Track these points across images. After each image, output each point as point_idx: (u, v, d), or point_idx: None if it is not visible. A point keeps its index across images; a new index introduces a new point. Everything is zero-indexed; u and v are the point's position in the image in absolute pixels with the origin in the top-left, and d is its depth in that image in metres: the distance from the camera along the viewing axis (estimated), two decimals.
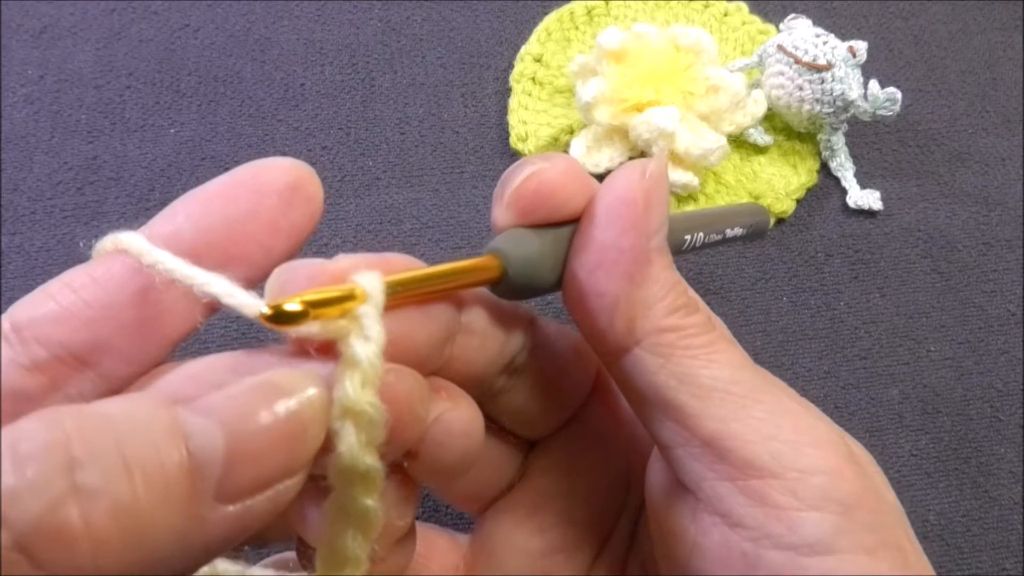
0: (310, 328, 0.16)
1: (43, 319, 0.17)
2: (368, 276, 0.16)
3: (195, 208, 0.18)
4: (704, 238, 0.23)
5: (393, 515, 0.18)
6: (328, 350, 0.16)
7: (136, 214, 0.39)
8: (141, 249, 0.17)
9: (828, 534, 0.17)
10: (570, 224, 0.20)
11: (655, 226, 0.19)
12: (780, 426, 0.18)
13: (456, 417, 0.18)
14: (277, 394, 0.14)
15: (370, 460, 0.16)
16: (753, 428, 0.18)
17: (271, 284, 0.17)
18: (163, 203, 0.40)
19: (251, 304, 0.16)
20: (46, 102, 0.42)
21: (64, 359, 0.17)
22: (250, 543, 0.20)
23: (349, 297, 0.16)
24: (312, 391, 0.15)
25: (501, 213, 0.19)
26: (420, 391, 0.17)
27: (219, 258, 0.17)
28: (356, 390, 0.15)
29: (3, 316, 0.17)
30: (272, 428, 0.14)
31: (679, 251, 0.23)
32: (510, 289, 0.19)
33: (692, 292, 0.21)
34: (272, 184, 0.18)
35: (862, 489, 0.18)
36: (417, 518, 0.22)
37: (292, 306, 0.15)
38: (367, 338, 0.15)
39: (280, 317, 0.15)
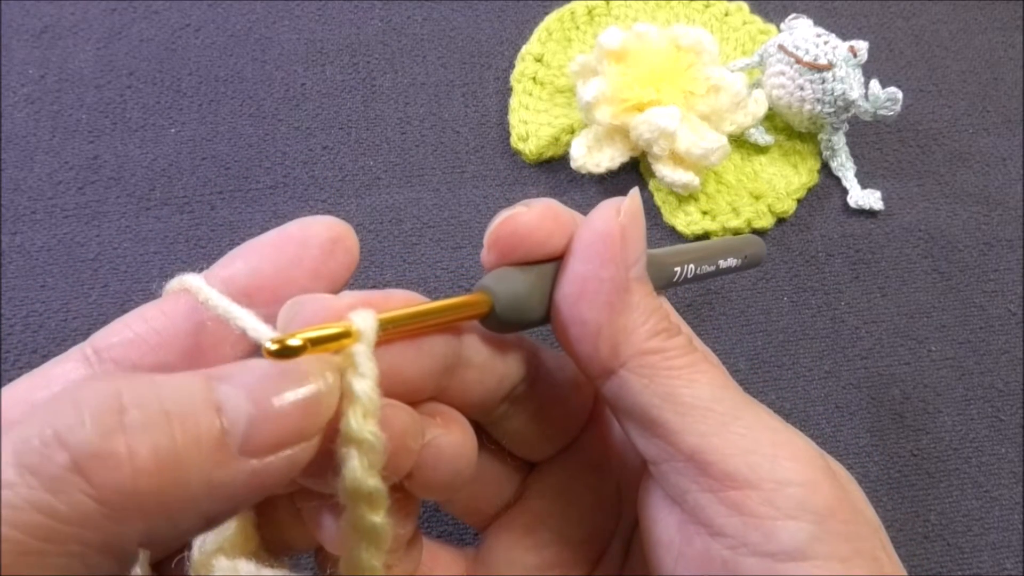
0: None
1: (119, 344, 0.20)
2: (363, 314, 0.18)
3: (250, 255, 0.21)
4: (696, 269, 0.25)
5: (395, 524, 0.20)
6: None
7: (137, 214, 0.39)
8: (199, 287, 0.20)
9: (803, 542, 0.18)
10: (555, 261, 0.21)
11: (632, 258, 0.21)
12: (758, 441, 0.19)
13: (448, 442, 0.20)
14: (297, 372, 0.16)
15: (373, 482, 0.17)
16: (732, 442, 0.19)
17: (281, 317, 0.19)
18: (164, 202, 0.41)
19: (264, 336, 0.18)
20: (47, 102, 0.42)
21: None
22: (278, 551, 0.22)
23: (345, 334, 0.17)
24: (327, 373, 0.17)
25: (485, 254, 0.21)
26: (412, 426, 0.19)
27: (268, 298, 0.20)
28: (358, 421, 0.17)
29: (87, 341, 0.20)
30: (291, 398, 0.16)
31: (671, 283, 0.24)
32: (499, 323, 0.20)
33: (675, 317, 0.22)
34: (315, 238, 0.21)
35: (837, 501, 0.19)
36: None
37: (293, 342, 0.17)
38: (361, 375, 0.17)
39: (282, 351, 0.17)
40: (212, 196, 0.40)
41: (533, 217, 0.21)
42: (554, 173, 0.42)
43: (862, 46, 0.39)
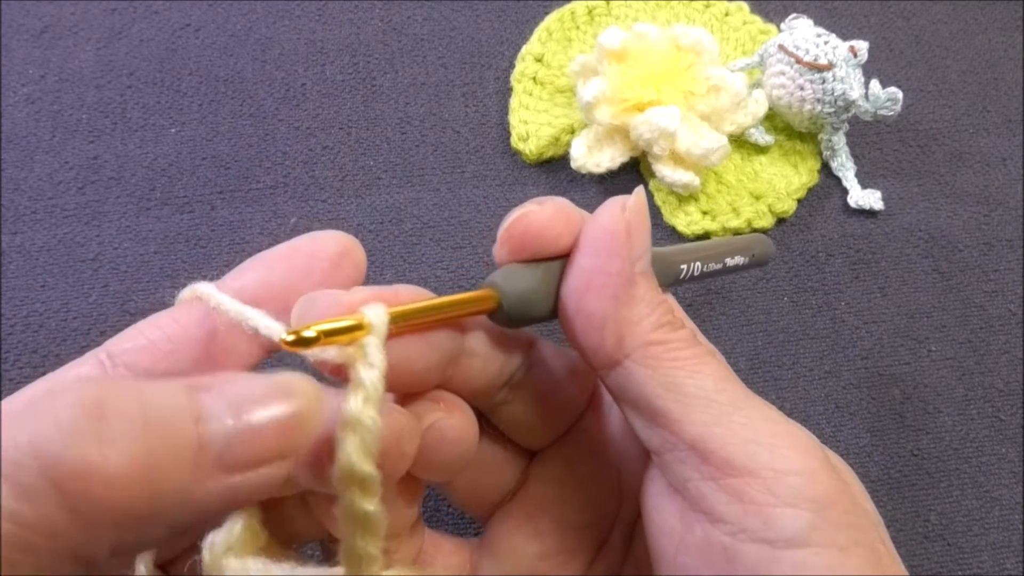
0: (326, 352, 0.18)
1: (133, 349, 0.20)
2: (374, 308, 0.18)
3: (260, 267, 0.21)
4: (702, 267, 0.25)
5: (400, 504, 0.21)
6: (340, 372, 0.19)
7: (137, 214, 0.39)
8: (210, 293, 0.20)
9: (802, 530, 0.18)
10: (561, 259, 0.22)
11: (637, 252, 0.21)
12: (759, 431, 0.20)
13: (449, 425, 0.21)
14: (282, 389, 0.17)
15: (367, 467, 0.18)
16: (734, 432, 0.20)
17: (295, 311, 0.19)
18: (164, 202, 0.41)
19: (278, 331, 0.19)
20: (47, 102, 0.42)
21: None
22: (285, 542, 0.22)
23: (357, 327, 0.18)
24: (311, 391, 0.17)
25: (497, 250, 0.22)
26: (409, 431, 0.20)
27: (277, 308, 0.20)
28: (359, 406, 0.18)
29: (102, 347, 0.20)
30: (271, 416, 0.16)
31: (677, 281, 0.24)
32: (506, 319, 0.21)
33: (680, 312, 0.23)
34: (324, 251, 0.21)
35: (836, 491, 0.19)
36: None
37: (308, 333, 0.17)
38: (370, 364, 0.18)
39: (298, 342, 0.17)
40: (212, 196, 0.40)
41: (545, 216, 0.21)
42: (554, 173, 0.42)
43: (862, 46, 0.39)
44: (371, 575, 0.18)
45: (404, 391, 0.21)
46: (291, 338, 0.17)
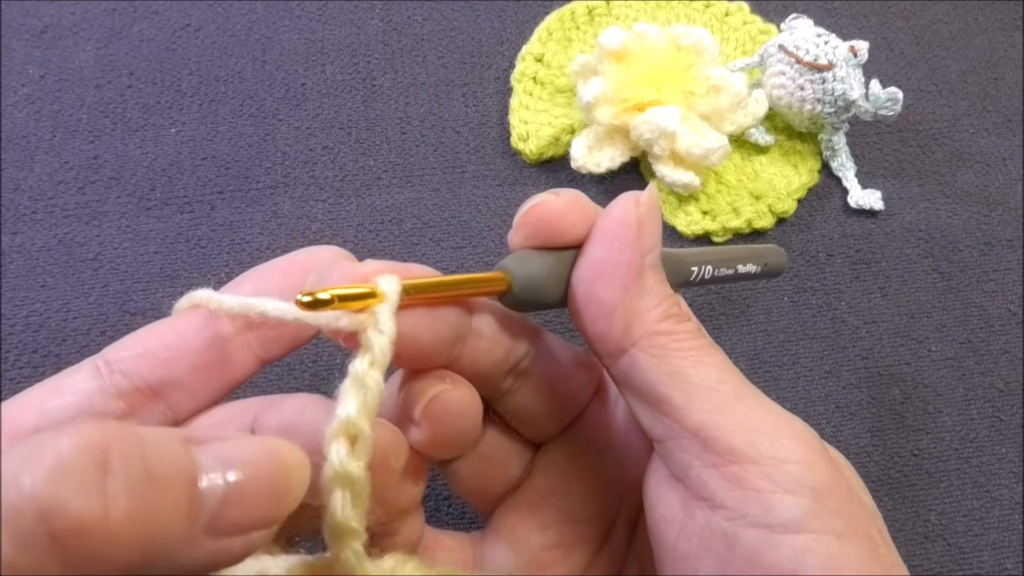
0: (339, 321, 0.19)
1: (129, 357, 0.20)
2: (387, 279, 0.19)
3: (258, 278, 0.22)
4: (713, 271, 0.25)
5: (408, 483, 0.22)
6: (352, 340, 0.19)
7: (137, 214, 0.39)
8: (209, 297, 0.21)
9: (800, 516, 0.19)
10: (574, 249, 0.22)
11: (648, 245, 0.22)
12: (760, 420, 0.20)
13: (453, 397, 0.21)
14: (272, 458, 0.17)
15: (363, 423, 0.18)
16: (735, 421, 0.20)
17: (311, 279, 0.20)
18: (164, 202, 0.41)
19: (288, 310, 0.20)
20: (47, 102, 0.42)
21: (143, 390, 0.20)
22: (284, 534, 0.22)
23: (370, 294, 0.19)
24: (301, 463, 0.17)
25: (512, 236, 0.22)
26: (397, 445, 0.20)
27: (275, 322, 0.21)
28: (364, 367, 0.18)
29: (100, 354, 0.21)
30: (261, 483, 0.16)
31: (688, 282, 0.25)
32: (515, 302, 0.22)
33: (686, 308, 0.24)
34: (321, 263, 0.22)
35: (834, 480, 0.20)
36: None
37: (323, 295, 0.18)
38: (380, 331, 0.19)
39: (313, 303, 0.18)
40: (212, 196, 0.40)
41: (560, 205, 0.22)
42: (554, 173, 0.42)
43: (862, 46, 0.39)
44: (355, 552, 0.18)
45: (411, 365, 0.22)
46: (307, 299, 0.18)
